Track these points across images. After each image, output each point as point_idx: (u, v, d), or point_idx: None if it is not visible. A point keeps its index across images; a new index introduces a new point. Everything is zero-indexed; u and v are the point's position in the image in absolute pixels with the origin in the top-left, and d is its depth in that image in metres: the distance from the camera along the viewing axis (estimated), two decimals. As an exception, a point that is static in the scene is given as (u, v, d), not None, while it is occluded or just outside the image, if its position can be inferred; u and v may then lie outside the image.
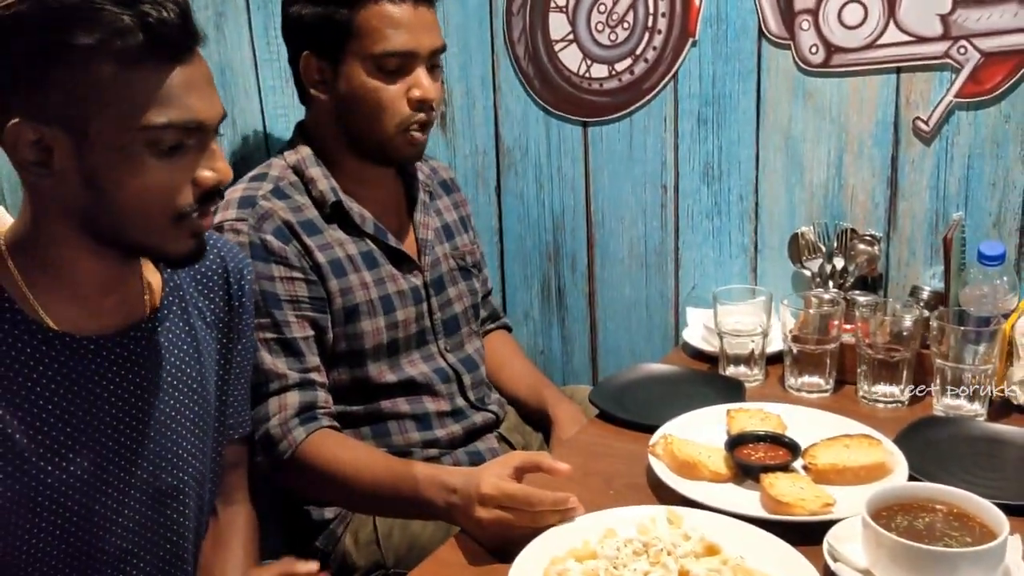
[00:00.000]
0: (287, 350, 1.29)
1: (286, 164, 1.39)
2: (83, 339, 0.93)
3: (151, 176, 0.86)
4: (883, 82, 1.59)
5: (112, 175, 0.86)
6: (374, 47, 1.31)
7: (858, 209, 1.67)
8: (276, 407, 1.26)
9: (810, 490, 1.10)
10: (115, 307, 0.97)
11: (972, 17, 1.49)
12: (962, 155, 1.56)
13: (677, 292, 1.91)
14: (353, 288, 1.36)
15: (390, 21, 1.31)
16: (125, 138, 0.85)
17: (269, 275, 1.29)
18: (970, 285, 1.45)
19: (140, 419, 0.98)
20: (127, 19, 0.82)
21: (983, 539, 0.91)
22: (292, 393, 1.27)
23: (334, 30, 1.31)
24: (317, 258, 1.33)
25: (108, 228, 0.89)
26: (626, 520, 1.05)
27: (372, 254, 1.40)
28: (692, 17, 1.73)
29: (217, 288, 1.10)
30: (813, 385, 1.48)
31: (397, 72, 1.33)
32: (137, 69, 0.84)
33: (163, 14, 0.84)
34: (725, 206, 1.80)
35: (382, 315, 1.39)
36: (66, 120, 0.84)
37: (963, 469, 1.18)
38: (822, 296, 1.56)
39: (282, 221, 1.31)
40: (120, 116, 0.84)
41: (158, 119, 0.85)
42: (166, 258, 0.95)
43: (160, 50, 0.85)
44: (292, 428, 1.25)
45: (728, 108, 1.75)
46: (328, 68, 1.34)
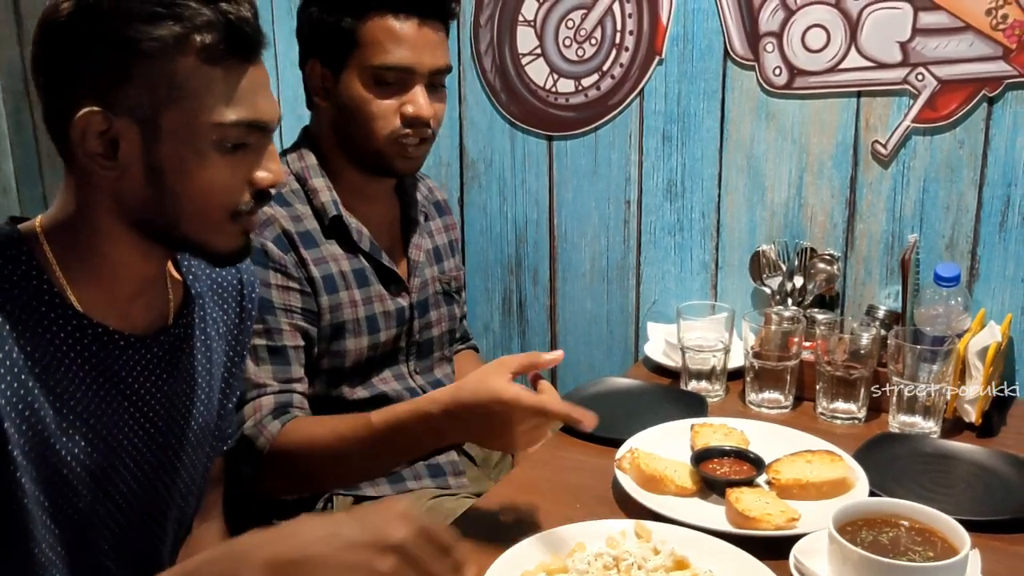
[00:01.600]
0: (275, 357, 1.27)
1: (289, 170, 1.37)
2: (115, 333, 0.92)
3: (214, 172, 0.87)
4: (844, 105, 1.63)
5: (177, 169, 0.86)
6: (373, 59, 1.30)
7: (817, 229, 1.71)
8: (251, 410, 1.24)
9: (775, 505, 1.11)
10: (143, 309, 0.96)
11: (930, 45, 1.54)
12: (918, 179, 1.60)
13: (638, 307, 1.93)
14: (342, 305, 1.35)
15: (393, 35, 1.30)
16: (195, 133, 0.85)
17: (266, 281, 1.27)
18: (925, 305, 1.48)
19: (156, 424, 0.97)
20: (209, 15, 0.83)
21: (945, 554, 0.93)
22: (268, 397, 1.25)
23: (339, 39, 1.31)
24: (312, 272, 1.32)
25: (163, 222, 0.89)
26: (595, 534, 1.05)
27: (364, 272, 1.39)
28: (659, 36, 1.75)
29: (231, 300, 1.10)
30: (773, 401, 1.50)
31: (394, 87, 1.32)
32: (215, 66, 0.85)
33: (242, 12, 0.86)
34: (687, 223, 1.83)
35: (366, 334, 1.38)
36: (138, 111, 0.84)
37: (920, 485, 1.20)
38: (782, 313, 1.59)
39: (282, 230, 1.30)
40: (193, 111, 0.85)
41: (230, 117, 0.86)
42: (216, 254, 0.94)
43: (237, 48, 0.86)
44: (266, 424, 1.23)
45: (692, 126, 1.77)
46: (331, 76, 1.34)
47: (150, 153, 0.85)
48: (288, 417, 1.25)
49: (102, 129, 0.84)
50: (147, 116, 0.84)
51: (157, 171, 0.86)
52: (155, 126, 0.84)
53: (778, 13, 1.64)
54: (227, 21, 0.84)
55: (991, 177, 1.54)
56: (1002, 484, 1.21)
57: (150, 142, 0.85)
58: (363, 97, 1.32)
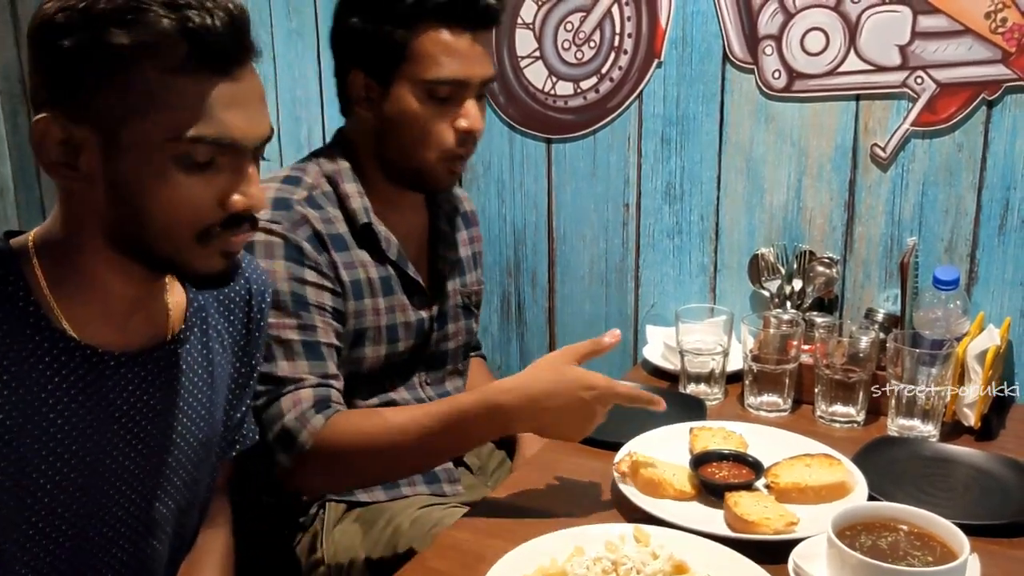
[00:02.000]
0: (310, 353, 1.24)
1: (321, 172, 1.34)
2: (105, 354, 0.90)
3: (177, 190, 0.83)
4: (843, 108, 1.63)
5: (137, 183, 0.82)
6: (427, 73, 1.26)
7: (816, 232, 1.70)
8: (290, 403, 1.21)
9: (774, 509, 1.11)
10: (139, 326, 0.94)
11: (929, 49, 1.54)
12: (917, 182, 1.60)
13: (637, 310, 1.92)
14: (366, 312, 1.33)
15: (447, 49, 1.26)
16: (155, 147, 0.81)
17: (301, 277, 1.25)
18: (924, 308, 1.48)
19: (148, 444, 0.95)
20: (169, 23, 0.79)
21: (944, 559, 0.93)
22: (307, 390, 1.22)
23: (388, 50, 1.27)
24: (342, 275, 1.30)
25: (133, 239, 0.86)
26: (594, 538, 1.05)
27: (390, 280, 1.37)
28: (658, 39, 1.75)
29: (239, 312, 1.07)
30: (772, 404, 1.50)
31: (447, 100, 1.28)
32: (176, 77, 0.80)
33: (208, 21, 0.80)
34: (686, 226, 1.83)
35: (385, 343, 1.36)
36: (97, 121, 0.81)
37: (919, 489, 1.20)
38: (781, 316, 1.59)
39: (314, 231, 1.28)
40: (153, 124, 0.81)
41: (189, 132, 0.81)
42: (193, 276, 0.90)
43: (203, 60, 0.81)
44: (310, 418, 1.20)
45: (691, 129, 1.77)
46: (376, 87, 1.30)
47: (110, 165, 0.82)
48: (331, 411, 1.22)
49: (61, 138, 0.81)
50: (105, 126, 0.81)
51: (120, 185, 0.82)
52: (114, 137, 0.81)
53: (777, 16, 1.64)
54: (190, 31, 0.79)
55: (990, 180, 1.54)
56: (1001, 488, 1.21)
57: (111, 154, 0.81)
58: (416, 112, 1.28)
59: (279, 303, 1.23)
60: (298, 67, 1.98)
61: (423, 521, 1.28)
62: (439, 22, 1.26)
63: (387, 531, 1.30)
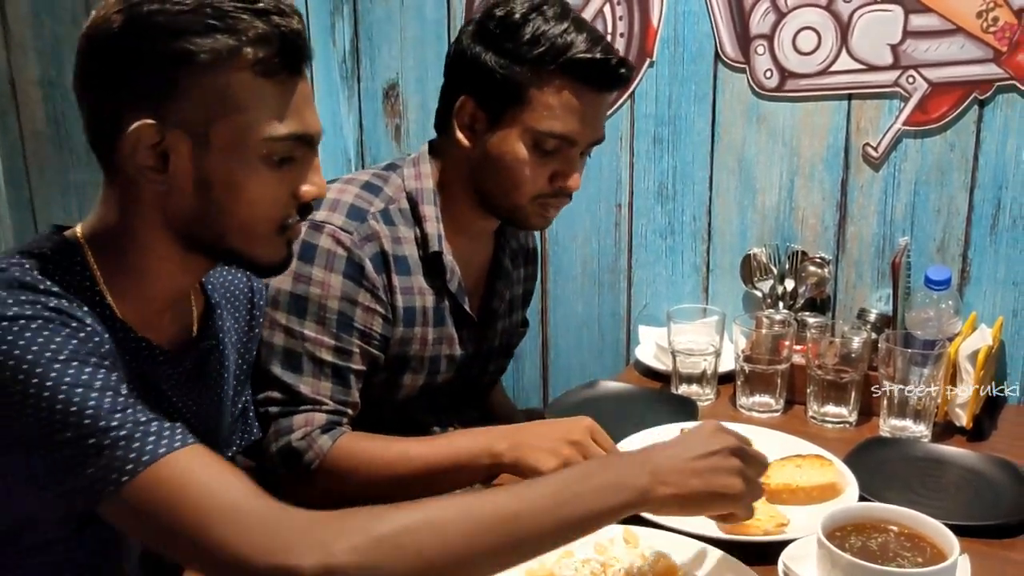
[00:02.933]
0: (337, 377, 1.23)
1: (403, 186, 1.31)
2: (156, 347, 0.92)
3: (262, 186, 0.87)
4: (835, 108, 1.62)
5: (226, 182, 0.86)
6: (541, 124, 1.22)
7: (808, 232, 1.70)
8: (302, 422, 1.20)
9: (764, 510, 1.10)
10: (170, 323, 0.96)
11: (921, 48, 1.53)
12: (909, 182, 1.60)
13: (629, 310, 1.92)
14: (413, 340, 1.31)
15: (568, 105, 1.22)
16: (246, 147, 0.85)
17: (354, 298, 1.23)
18: (916, 309, 1.48)
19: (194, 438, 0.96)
20: (261, 28, 0.83)
21: (934, 560, 0.92)
22: (322, 415, 1.22)
23: (508, 90, 1.23)
24: (397, 301, 1.27)
25: (209, 235, 0.89)
26: (583, 540, 1.04)
27: (443, 312, 1.34)
28: (650, 38, 1.75)
29: (242, 307, 1.10)
30: (764, 405, 1.49)
31: (552, 152, 1.25)
32: (267, 79, 0.84)
33: (294, 25, 0.85)
34: (678, 226, 1.82)
35: (424, 373, 1.34)
36: (191, 124, 0.83)
37: (910, 489, 1.20)
38: (773, 317, 1.59)
39: (381, 249, 1.25)
40: (245, 124, 0.84)
41: (280, 131, 0.85)
42: (261, 266, 0.94)
43: (289, 62, 0.86)
44: (316, 438, 1.20)
45: (683, 129, 1.77)
46: (484, 119, 1.26)
47: (200, 166, 0.85)
48: (338, 432, 1.21)
49: (154, 142, 0.83)
50: (199, 129, 0.84)
51: (206, 184, 0.85)
52: (206, 139, 0.84)
53: (769, 15, 1.63)
54: (280, 34, 0.84)
55: (982, 180, 1.54)
56: (992, 489, 1.20)
57: (201, 155, 0.84)
58: (519, 158, 1.24)
59: (324, 319, 1.21)
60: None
61: None
62: (568, 78, 1.22)
63: None
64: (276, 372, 1.21)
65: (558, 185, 1.27)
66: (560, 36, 1.21)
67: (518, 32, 1.22)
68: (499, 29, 1.23)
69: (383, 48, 2.03)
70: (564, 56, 1.21)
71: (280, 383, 1.21)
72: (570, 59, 1.21)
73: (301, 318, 1.21)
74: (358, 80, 2.11)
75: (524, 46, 1.21)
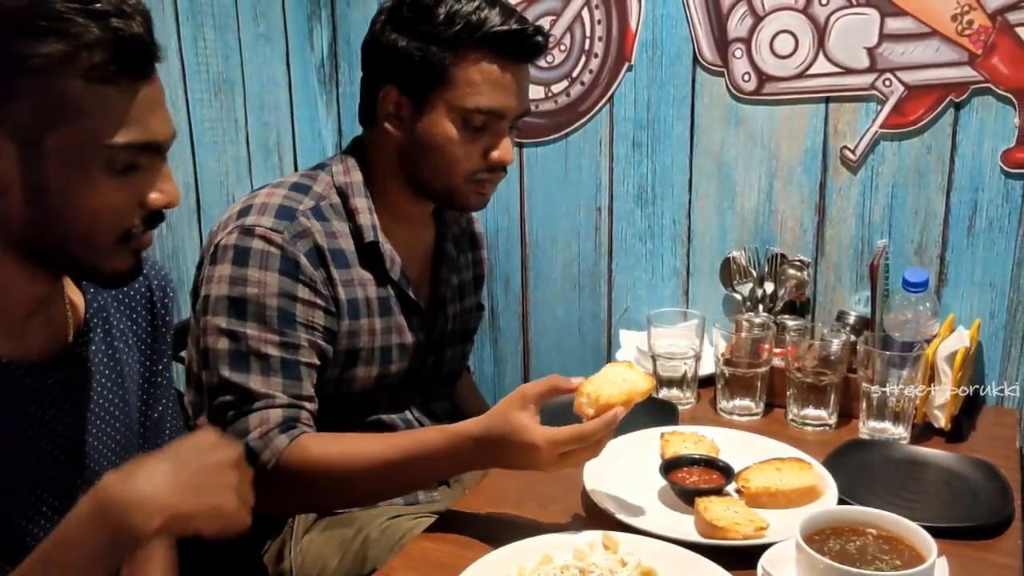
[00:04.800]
0: (287, 372, 1.21)
1: (332, 183, 1.31)
2: (9, 364, 0.87)
3: (103, 195, 0.82)
4: (813, 111, 1.63)
5: (63, 191, 0.81)
6: (467, 101, 1.23)
7: (787, 234, 1.70)
8: (257, 422, 1.18)
9: (744, 514, 1.10)
10: (39, 329, 0.91)
11: (897, 51, 1.54)
12: (886, 184, 1.61)
13: (610, 314, 1.92)
14: (360, 332, 1.30)
15: (492, 79, 1.24)
16: (84, 155, 0.80)
17: (293, 294, 1.21)
18: (894, 311, 1.48)
19: (66, 449, 0.92)
20: (96, 32, 0.77)
21: (912, 562, 0.92)
22: (276, 411, 1.19)
23: (430, 72, 1.24)
24: (339, 294, 1.27)
25: (48, 246, 0.84)
26: (562, 546, 1.04)
27: (389, 301, 1.33)
28: (628, 42, 1.75)
29: (141, 309, 1.05)
30: (744, 408, 1.49)
31: (480, 129, 1.26)
32: (104, 86, 0.79)
33: (133, 28, 0.79)
34: (658, 229, 1.82)
35: (377, 365, 1.33)
36: (19, 130, 0.78)
37: (889, 492, 1.20)
38: (753, 320, 1.59)
39: (315, 245, 1.25)
40: (82, 133, 0.79)
41: (121, 139, 0.80)
42: (104, 277, 0.89)
43: (128, 67, 0.80)
44: (273, 438, 1.17)
45: (662, 132, 1.77)
46: (409, 105, 1.27)
47: (31, 173, 0.80)
48: (296, 432, 1.19)
49: None
50: (29, 136, 0.79)
51: (40, 192, 0.80)
52: (38, 146, 0.79)
53: (746, 19, 1.64)
54: (117, 38, 0.78)
55: (959, 182, 1.55)
56: (970, 490, 1.21)
57: (31, 162, 0.79)
58: (449, 137, 1.25)
59: (264, 317, 1.20)
60: (266, 71, 1.96)
61: (393, 531, 1.26)
62: (487, 52, 1.23)
63: (356, 541, 1.28)
64: (225, 375, 1.19)
65: (491, 159, 1.28)
66: (474, 13, 1.22)
67: (431, 13, 1.22)
68: (412, 13, 1.24)
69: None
70: (480, 31, 1.22)
71: (230, 385, 1.19)
72: (487, 33, 1.22)
73: (242, 319, 1.20)
74: (336, 84, 2.10)
75: (440, 26, 1.22)
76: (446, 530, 1.15)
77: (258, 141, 1.96)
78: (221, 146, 1.87)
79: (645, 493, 1.20)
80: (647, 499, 1.19)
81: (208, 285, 1.23)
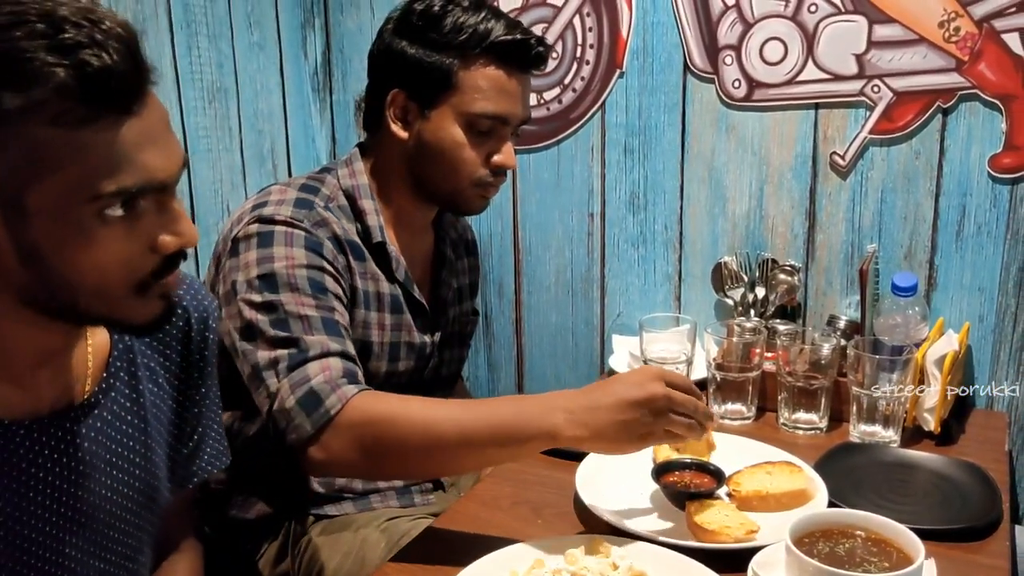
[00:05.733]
0: (331, 330, 1.18)
1: (339, 185, 1.34)
2: (11, 424, 0.81)
3: (104, 248, 0.73)
4: (802, 117, 1.64)
5: (57, 250, 0.72)
6: (473, 106, 1.28)
7: (778, 240, 1.72)
8: (319, 368, 1.13)
9: (735, 517, 1.11)
10: (51, 380, 0.84)
11: (885, 58, 1.55)
12: (876, 189, 1.62)
13: (603, 319, 1.93)
14: (372, 325, 1.32)
15: (496, 86, 1.29)
16: (69, 208, 0.71)
17: (319, 265, 1.23)
18: (884, 315, 1.50)
19: (74, 507, 0.87)
20: (63, 73, 0.67)
21: (900, 564, 0.93)
22: (336, 359, 1.15)
23: (438, 78, 1.28)
24: (356, 282, 1.30)
25: (58, 303, 0.76)
26: (554, 549, 1.04)
27: (399, 299, 1.37)
28: (619, 49, 1.76)
29: (174, 343, 0.98)
30: (736, 412, 1.50)
31: (485, 134, 1.30)
32: (79, 130, 0.70)
33: (106, 60, 0.69)
34: (650, 235, 1.83)
35: (387, 360, 1.35)
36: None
37: (879, 495, 1.21)
38: (744, 324, 1.60)
39: (334, 234, 1.28)
40: (63, 186, 0.70)
41: (109, 187, 0.71)
42: (132, 328, 0.82)
43: (103, 105, 0.70)
44: (341, 385, 1.12)
45: (654, 139, 1.78)
46: (416, 110, 1.31)
47: (20, 235, 0.71)
48: (363, 387, 1.14)
49: None
50: (8, 195, 0.70)
51: (32, 253, 0.72)
52: (19, 206, 0.70)
53: (736, 26, 1.65)
54: (85, 75, 0.68)
55: (947, 187, 1.56)
56: (960, 493, 1.21)
57: (16, 223, 0.71)
58: (456, 141, 1.29)
59: (297, 286, 1.19)
60: (260, 79, 1.97)
61: (391, 532, 1.27)
62: (493, 60, 1.28)
63: (355, 542, 1.28)
64: (271, 334, 1.16)
65: (495, 163, 1.32)
66: (481, 23, 1.27)
67: (440, 23, 1.27)
68: (421, 21, 1.29)
69: (354, 60, 2.03)
70: (487, 40, 1.27)
71: (279, 341, 1.15)
72: (493, 42, 1.27)
73: (274, 292, 1.19)
74: (330, 92, 2.11)
75: (448, 35, 1.27)
76: (441, 533, 1.16)
77: (252, 149, 1.97)
78: (215, 154, 1.87)
79: (637, 497, 1.21)
80: (638, 502, 1.20)
81: (234, 273, 1.22)
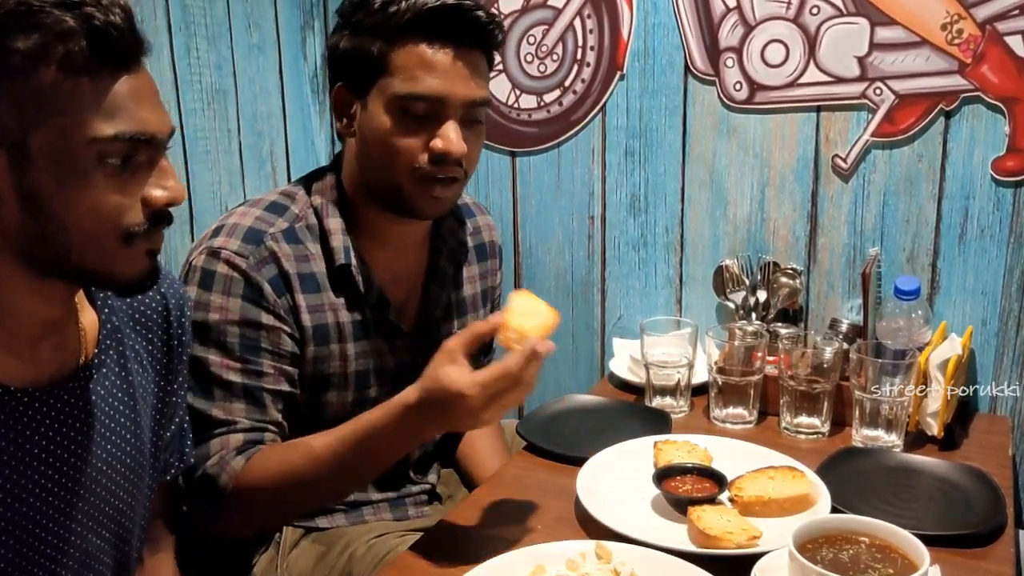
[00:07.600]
0: (249, 398, 1.19)
1: (309, 203, 1.28)
2: (16, 391, 0.84)
3: (100, 194, 0.79)
4: (804, 120, 1.63)
5: (57, 193, 0.78)
6: (401, 87, 1.18)
7: (780, 243, 1.71)
8: (218, 446, 1.17)
9: (737, 523, 1.10)
10: (50, 354, 0.88)
11: (887, 60, 1.55)
12: (878, 192, 1.61)
13: (603, 323, 1.92)
14: (330, 358, 1.27)
15: (424, 63, 1.18)
16: (71, 152, 0.77)
17: (257, 321, 1.19)
18: (887, 319, 1.49)
19: (73, 478, 0.90)
20: (70, 22, 0.75)
21: (905, 570, 0.92)
22: (238, 435, 1.18)
23: (367, 63, 1.20)
24: (303, 320, 1.23)
25: (53, 254, 0.81)
26: (555, 556, 1.04)
27: (365, 325, 1.29)
28: (620, 51, 1.75)
29: (156, 328, 1.02)
30: (737, 416, 1.49)
31: (424, 120, 1.20)
32: (82, 76, 0.77)
33: (110, 17, 0.77)
34: (651, 238, 1.82)
35: (352, 390, 1.30)
36: (4, 134, 0.76)
37: (882, 500, 1.20)
38: (746, 328, 1.59)
39: (280, 271, 1.22)
40: (65, 128, 0.77)
41: (107, 131, 0.77)
42: (119, 283, 0.86)
43: (106, 57, 0.78)
44: (230, 460, 1.16)
45: (655, 141, 1.77)
46: (356, 101, 1.24)
47: (23, 178, 0.77)
48: (253, 451, 1.18)
49: None
50: (12, 138, 0.76)
51: (34, 197, 0.77)
52: (23, 148, 0.76)
53: (737, 28, 1.64)
54: (92, 27, 0.76)
55: (950, 190, 1.56)
56: (964, 498, 1.21)
57: (21, 166, 0.77)
58: (386, 128, 1.20)
59: (226, 344, 1.18)
60: (259, 81, 1.96)
61: (378, 548, 1.25)
62: (419, 36, 1.18)
63: (342, 557, 1.27)
64: (189, 400, 1.15)
65: (432, 149, 1.20)
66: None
67: (368, 4, 1.20)
68: (352, 7, 1.22)
69: (354, 62, 2.03)
70: (412, 11, 1.18)
71: (193, 411, 1.17)
72: (418, 12, 1.18)
73: (205, 345, 1.18)
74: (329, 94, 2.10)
75: (376, 14, 1.19)
76: (439, 541, 1.14)
77: (251, 151, 1.96)
78: (214, 156, 1.87)
79: (638, 502, 1.20)
80: (640, 508, 1.19)
81: None
